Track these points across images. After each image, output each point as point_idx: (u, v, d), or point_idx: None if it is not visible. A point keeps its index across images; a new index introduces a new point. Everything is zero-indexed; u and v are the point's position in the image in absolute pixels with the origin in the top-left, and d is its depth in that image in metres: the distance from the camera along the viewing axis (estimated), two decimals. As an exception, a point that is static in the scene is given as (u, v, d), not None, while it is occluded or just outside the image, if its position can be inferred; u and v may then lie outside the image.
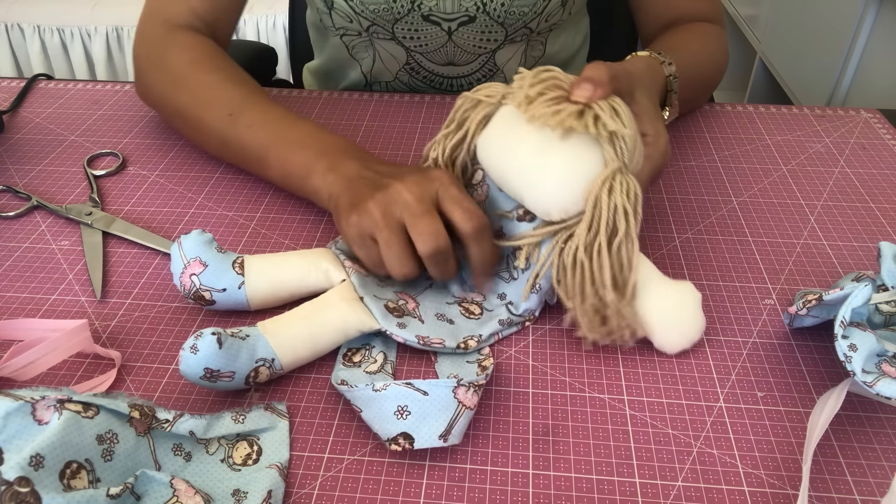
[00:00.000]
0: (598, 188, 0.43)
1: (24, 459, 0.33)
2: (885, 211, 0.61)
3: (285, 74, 1.99)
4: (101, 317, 0.51)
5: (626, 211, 0.44)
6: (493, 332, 0.48)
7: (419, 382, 0.41)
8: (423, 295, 0.51)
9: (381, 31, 0.76)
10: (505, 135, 0.47)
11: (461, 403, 0.41)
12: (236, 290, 0.48)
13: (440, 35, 0.75)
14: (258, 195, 0.63)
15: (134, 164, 0.68)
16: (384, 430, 0.40)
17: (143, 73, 0.68)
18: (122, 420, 0.38)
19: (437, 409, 0.40)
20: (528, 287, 0.48)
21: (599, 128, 0.43)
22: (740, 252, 0.56)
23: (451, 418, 0.40)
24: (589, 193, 0.44)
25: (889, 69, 1.33)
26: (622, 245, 0.44)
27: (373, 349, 0.48)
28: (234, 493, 0.39)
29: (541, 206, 0.45)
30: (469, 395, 0.41)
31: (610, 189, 0.44)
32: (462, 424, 0.40)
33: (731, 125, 0.73)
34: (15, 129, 0.73)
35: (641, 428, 0.43)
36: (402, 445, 0.40)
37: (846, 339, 0.41)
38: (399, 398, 0.41)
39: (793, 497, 0.39)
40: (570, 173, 0.44)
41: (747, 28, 2.06)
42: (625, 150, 0.44)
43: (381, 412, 0.41)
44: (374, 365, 0.46)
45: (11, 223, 0.60)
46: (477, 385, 0.42)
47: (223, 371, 0.42)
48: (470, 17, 0.73)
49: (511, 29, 0.75)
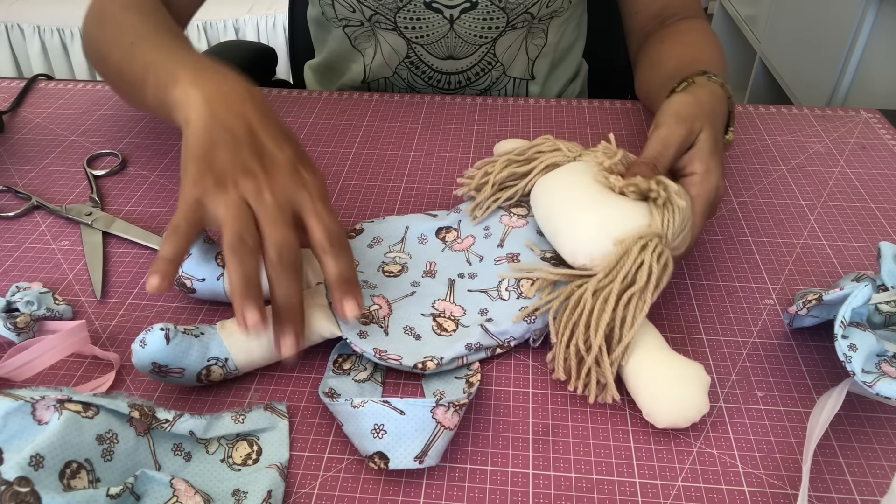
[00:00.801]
0: (633, 241, 0.44)
1: (24, 459, 0.33)
2: (885, 211, 0.61)
3: (285, 74, 1.99)
4: (101, 317, 0.51)
5: (650, 270, 0.43)
6: (456, 355, 0.45)
7: (397, 401, 0.40)
8: (401, 302, 0.49)
9: (384, 20, 0.76)
10: (568, 181, 0.48)
11: (440, 424, 0.39)
12: (214, 280, 0.48)
13: (442, 23, 0.76)
14: (258, 195, 0.63)
15: (134, 164, 0.68)
16: (362, 446, 0.40)
17: (85, 28, 0.66)
18: (122, 420, 0.38)
19: (414, 429, 0.39)
20: (522, 313, 0.46)
21: (660, 189, 0.44)
22: (740, 252, 0.56)
23: (429, 440, 0.39)
24: (621, 242, 0.44)
25: (889, 69, 1.33)
26: (632, 300, 0.42)
27: (360, 358, 0.47)
28: (234, 493, 0.39)
29: (569, 247, 0.46)
30: (449, 416, 0.40)
31: (643, 246, 0.43)
32: (440, 445, 0.39)
33: (731, 125, 0.73)
34: (15, 129, 0.73)
35: (641, 428, 0.43)
36: (378, 465, 0.39)
37: (846, 339, 0.41)
38: (376, 416, 0.39)
39: (793, 497, 0.39)
40: (610, 223, 0.45)
41: (747, 28, 2.06)
42: (671, 224, 0.44)
43: (359, 429, 0.40)
44: (363, 373, 0.46)
45: (11, 223, 0.60)
46: (458, 405, 0.40)
47: (171, 367, 0.42)
48: (472, 4, 0.74)
49: (513, 14, 0.75)
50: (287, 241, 0.42)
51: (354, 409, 0.40)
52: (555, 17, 0.79)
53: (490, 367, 0.47)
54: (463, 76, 0.82)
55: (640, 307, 0.43)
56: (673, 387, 0.41)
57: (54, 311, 0.49)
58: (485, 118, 0.74)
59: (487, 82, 0.83)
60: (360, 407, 0.40)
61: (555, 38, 0.82)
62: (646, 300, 0.43)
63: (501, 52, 0.80)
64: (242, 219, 0.42)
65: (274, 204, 0.43)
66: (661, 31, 0.75)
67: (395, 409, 0.39)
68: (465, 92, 0.84)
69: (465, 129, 0.72)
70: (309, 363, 0.47)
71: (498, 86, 0.84)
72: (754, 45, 1.99)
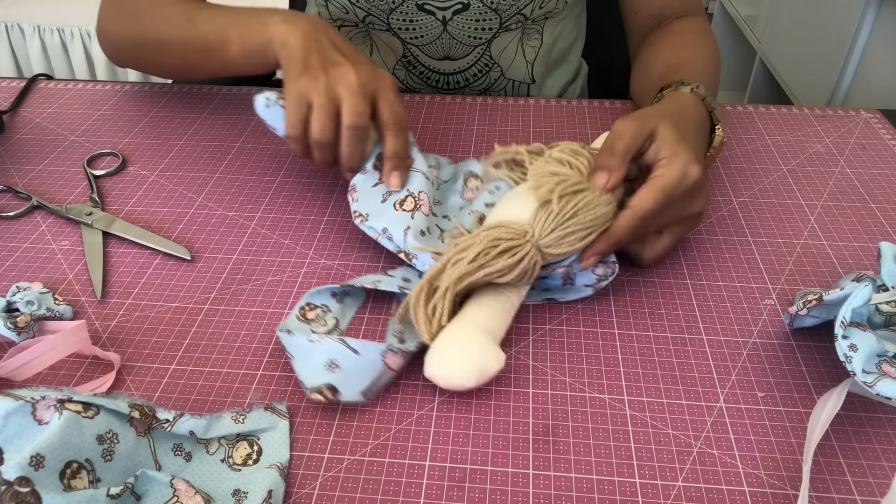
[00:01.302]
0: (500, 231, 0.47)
1: (25, 459, 0.33)
2: (885, 211, 0.61)
3: (285, 74, 1.99)
4: (101, 317, 0.51)
5: (483, 255, 0.46)
6: None
7: (352, 341, 0.44)
8: None
9: (377, 21, 0.76)
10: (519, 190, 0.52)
11: (387, 366, 0.44)
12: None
13: (435, 25, 0.76)
14: (258, 195, 0.63)
15: (134, 164, 0.68)
16: (311, 379, 0.43)
17: (103, 20, 0.73)
18: (122, 420, 0.38)
19: (364, 368, 0.43)
20: None
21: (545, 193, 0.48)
22: (740, 252, 0.56)
23: (375, 378, 0.44)
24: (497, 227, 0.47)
25: (889, 69, 1.33)
26: (458, 266, 0.46)
27: (328, 313, 0.50)
28: (235, 493, 0.39)
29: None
30: (397, 360, 0.44)
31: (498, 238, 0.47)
32: (383, 384, 0.44)
33: (731, 125, 0.73)
34: (15, 129, 0.73)
35: (641, 428, 0.43)
36: (326, 395, 0.42)
37: (846, 339, 0.41)
38: (332, 353, 0.44)
39: (793, 497, 0.39)
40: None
41: (747, 28, 2.06)
42: (543, 221, 0.47)
43: (312, 362, 0.44)
44: (323, 328, 0.49)
45: (11, 223, 0.60)
46: (406, 351, 0.44)
47: None
48: (463, 5, 0.74)
49: (505, 15, 0.75)
50: (359, 107, 0.53)
51: (310, 344, 0.44)
52: (549, 17, 0.79)
53: (490, 367, 0.47)
54: (461, 76, 0.82)
55: (459, 274, 0.45)
56: (447, 348, 0.44)
57: (54, 311, 0.49)
58: (485, 118, 0.74)
59: (486, 83, 0.83)
60: (318, 342, 0.44)
61: (550, 39, 0.82)
62: (471, 273, 0.45)
63: (497, 54, 0.80)
64: (331, 85, 0.53)
65: (357, 82, 0.53)
66: (656, 31, 0.75)
67: (349, 348, 0.44)
68: (465, 92, 0.84)
69: (466, 129, 0.72)
70: (309, 363, 0.47)
71: (497, 86, 0.84)
72: (754, 45, 1.99)
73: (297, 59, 0.55)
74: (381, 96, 0.55)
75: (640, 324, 0.50)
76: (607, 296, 0.52)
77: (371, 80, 0.54)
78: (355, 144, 0.54)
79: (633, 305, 0.51)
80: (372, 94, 0.54)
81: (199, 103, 0.77)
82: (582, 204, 0.47)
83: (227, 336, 0.49)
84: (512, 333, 0.49)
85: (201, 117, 0.75)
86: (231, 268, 0.55)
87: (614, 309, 0.51)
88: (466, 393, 0.45)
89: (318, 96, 0.53)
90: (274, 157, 0.68)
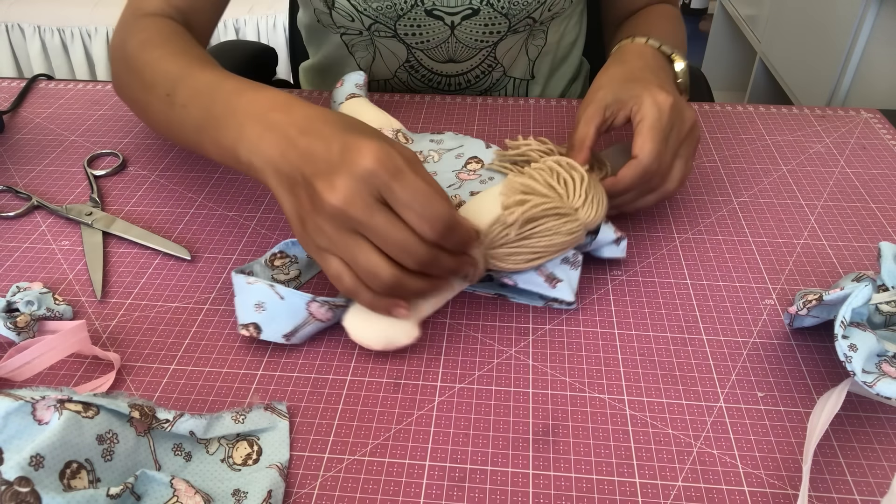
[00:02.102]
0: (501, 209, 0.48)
1: (24, 459, 0.33)
2: (885, 211, 0.61)
3: (285, 74, 1.99)
4: (101, 317, 0.51)
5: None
6: None
7: (280, 287, 0.46)
8: None
9: (384, 28, 0.76)
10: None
11: (311, 315, 0.47)
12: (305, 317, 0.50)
13: (443, 30, 0.75)
14: (258, 195, 0.63)
15: (134, 164, 0.68)
16: (242, 316, 0.47)
17: (111, 63, 0.65)
18: (122, 420, 0.38)
19: (288, 313, 0.46)
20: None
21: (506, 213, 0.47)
22: (740, 252, 0.56)
23: (298, 325, 0.47)
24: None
25: (889, 69, 1.33)
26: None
27: (294, 264, 0.53)
28: (235, 493, 0.39)
29: None
30: (323, 311, 0.47)
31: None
32: (308, 331, 0.47)
33: (731, 125, 0.73)
34: (15, 129, 0.73)
35: (641, 428, 0.43)
36: (251, 332, 0.47)
37: (846, 339, 0.41)
38: (261, 295, 0.47)
39: (793, 497, 0.39)
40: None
41: (747, 28, 2.06)
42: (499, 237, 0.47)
43: (245, 301, 0.47)
44: (284, 276, 0.52)
45: (11, 223, 0.60)
46: (333, 304, 0.47)
47: None
48: (473, 10, 0.73)
49: (515, 20, 0.75)
50: (408, 241, 0.42)
51: (247, 285, 0.47)
52: (555, 17, 0.79)
53: (490, 367, 0.47)
54: (463, 78, 0.82)
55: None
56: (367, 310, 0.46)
57: (54, 311, 0.49)
58: (485, 118, 0.74)
59: (488, 83, 0.83)
60: (252, 284, 0.47)
61: (555, 38, 0.82)
62: None
63: (502, 55, 0.80)
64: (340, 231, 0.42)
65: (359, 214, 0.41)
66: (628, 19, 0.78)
67: (277, 294, 0.46)
68: (466, 93, 0.84)
69: (466, 129, 0.72)
70: (309, 363, 0.47)
71: (499, 86, 0.84)
72: (754, 45, 1.99)
73: (292, 215, 0.44)
74: (391, 200, 0.41)
75: (640, 324, 0.50)
76: (607, 296, 0.52)
77: (363, 192, 0.41)
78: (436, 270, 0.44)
79: (633, 305, 0.51)
80: (379, 200, 0.41)
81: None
82: (539, 230, 0.48)
83: (227, 336, 0.49)
84: (512, 333, 0.49)
85: (201, 117, 0.75)
86: (231, 268, 0.55)
87: (614, 309, 0.51)
88: (466, 393, 0.45)
89: (339, 250, 0.43)
90: (274, 157, 0.68)
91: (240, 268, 0.50)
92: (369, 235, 0.42)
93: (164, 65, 0.56)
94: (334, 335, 0.49)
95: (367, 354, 0.48)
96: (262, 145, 0.45)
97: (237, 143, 0.47)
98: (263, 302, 0.46)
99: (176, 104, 0.54)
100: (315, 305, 0.47)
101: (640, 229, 0.59)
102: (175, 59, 0.56)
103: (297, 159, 0.43)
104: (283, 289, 0.46)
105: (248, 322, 0.47)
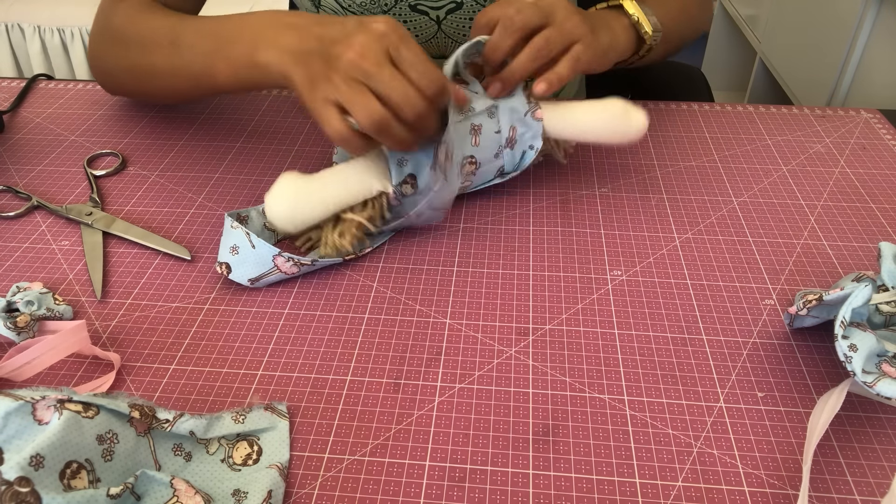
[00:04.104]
0: None
1: (25, 459, 0.33)
2: (885, 211, 0.61)
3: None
4: (101, 317, 0.51)
5: None
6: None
7: (254, 237, 0.51)
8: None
9: None
10: None
11: (277, 266, 0.52)
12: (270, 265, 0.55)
13: (429, 25, 0.75)
14: (259, 195, 0.63)
15: (134, 164, 0.68)
16: (221, 255, 0.52)
17: (92, 49, 0.70)
18: (122, 420, 0.38)
19: (256, 261, 0.51)
20: None
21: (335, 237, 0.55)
22: (740, 252, 0.56)
23: (264, 273, 0.52)
24: None
25: (889, 69, 1.33)
26: None
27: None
28: (235, 493, 0.39)
29: None
30: (287, 266, 0.52)
31: None
32: (271, 280, 0.53)
33: (731, 125, 0.73)
34: (15, 129, 0.73)
35: (641, 428, 0.43)
36: (223, 271, 0.52)
37: (846, 339, 0.41)
38: (237, 239, 0.52)
39: (793, 497, 0.39)
40: None
41: (747, 28, 2.06)
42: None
43: (225, 244, 0.52)
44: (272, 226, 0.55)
45: (11, 223, 0.60)
46: (298, 262, 0.52)
47: None
48: (457, 4, 0.74)
49: None
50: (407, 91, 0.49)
51: (230, 229, 0.52)
52: None
53: (490, 367, 0.47)
54: None
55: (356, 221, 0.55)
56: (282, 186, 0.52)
57: (54, 311, 0.49)
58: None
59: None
60: (234, 229, 0.52)
61: None
62: None
63: None
64: (348, 80, 0.49)
65: (370, 64, 0.48)
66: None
67: (250, 242, 0.51)
68: None
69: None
70: (309, 363, 0.47)
71: None
72: (754, 45, 1.99)
73: (303, 81, 0.50)
74: (398, 60, 0.49)
75: (640, 324, 0.50)
76: (607, 296, 0.52)
77: (375, 50, 0.49)
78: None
79: (633, 305, 0.51)
80: (388, 57, 0.49)
81: (199, 103, 0.77)
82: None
83: (227, 336, 0.49)
84: (512, 333, 0.49)
85: (201, 117, 0.75)
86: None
87: (614, 309, 0.51)
88: (466, 393, 0.45)
89: (342, 94, 0.49)
90: (274, 157, 0.68)
91: (236, 211, 0.55)
92: (376, 85, 0.48)
93: (163, 21, 0.62)
94: (334, 335, 0.49)
95: (367, 354, 0.48)
96: (280, 40, 0.52)
97: (254, 50, 0.53)
98: (238, 246, 0.51)
99: (183, 46, 0.59)
100: (281, 260, 0.52)
101: (640, 229, 0.59)
102: (171, 16, 0.63)
103: (314, 40, 0.51)
104: (256, 239, 0.51)
105: (223, 261, 0.52)
